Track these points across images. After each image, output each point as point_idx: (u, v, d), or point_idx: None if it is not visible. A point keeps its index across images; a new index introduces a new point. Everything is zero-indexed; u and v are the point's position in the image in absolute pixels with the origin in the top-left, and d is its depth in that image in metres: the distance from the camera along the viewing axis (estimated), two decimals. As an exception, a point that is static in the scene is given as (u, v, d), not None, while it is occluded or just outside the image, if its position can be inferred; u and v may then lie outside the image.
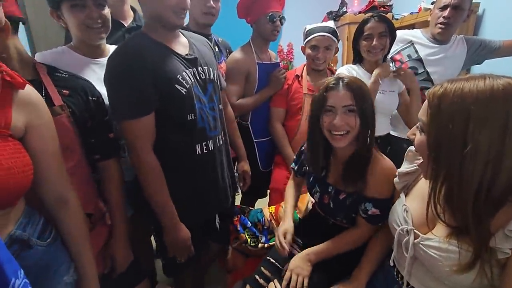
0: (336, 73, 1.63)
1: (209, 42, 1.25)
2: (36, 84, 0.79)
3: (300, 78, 1.65)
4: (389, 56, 1.64)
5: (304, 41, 1.63)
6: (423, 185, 0.81)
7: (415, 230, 0.75)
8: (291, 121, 1.67)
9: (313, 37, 1.55)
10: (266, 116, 1.70)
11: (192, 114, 1.04)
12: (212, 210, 1.23)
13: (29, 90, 0.71)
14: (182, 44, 1.09)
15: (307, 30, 1.60)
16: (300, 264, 1.02)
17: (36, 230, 0.70)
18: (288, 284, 1.00)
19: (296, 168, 1.26)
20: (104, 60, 1.06)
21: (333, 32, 1.56)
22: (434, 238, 0.70)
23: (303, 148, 1.21)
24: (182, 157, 1.07)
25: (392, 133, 1.71)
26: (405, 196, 0.85)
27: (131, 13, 1.50)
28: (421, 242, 0.72)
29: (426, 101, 0.68)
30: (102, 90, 1.02)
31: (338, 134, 0.96)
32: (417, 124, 0.72)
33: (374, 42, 1.45)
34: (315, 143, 1.06)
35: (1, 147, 0.61)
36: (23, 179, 0.63)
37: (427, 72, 1.71)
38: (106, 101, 1.01)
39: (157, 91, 0.97)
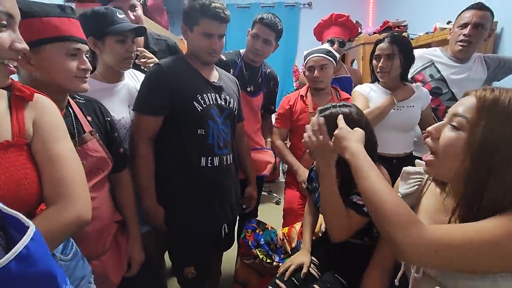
0: (353, 90, 1.66)
1: (237, 81, 1.46)
2: (68, 115, 0.86)
3: (305, 97, 1.74)
4: (409, 76, 1.60)
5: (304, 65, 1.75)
6: (428, 201, 0.80)
7: None
8: (298, 140, 1.71)
9: (309, 59, 1.69)
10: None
11: (203, 130, 1.21)
12: (217, 220, 1.30)
13: (38, 97, 0.68)
14: (213, 75, 1.30)
15: (305, 55, 1.73)
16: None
17: (59, 246, 0.71)
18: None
19: (309, 187, 1.27)
20: (122, 83, 1.23)
21: (327, 52, 1.68)
22: None
23: (313, 165, 1.24)
24: (188, 164, 1.22)
25: (415, 153, 1.65)
26: None
27: None
28: None
29: (468, 98, 0.68)
30: (124, 111, 1.22)
31: None
32: (450, 121, 0.69)
33: (379, 64, 1.47)
34: None
35: (14, 157, 0.58)
36: (32, 191, 0.60)
37: (452, 92, 1.66)
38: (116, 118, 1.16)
39: (172, 103, 1.18)
